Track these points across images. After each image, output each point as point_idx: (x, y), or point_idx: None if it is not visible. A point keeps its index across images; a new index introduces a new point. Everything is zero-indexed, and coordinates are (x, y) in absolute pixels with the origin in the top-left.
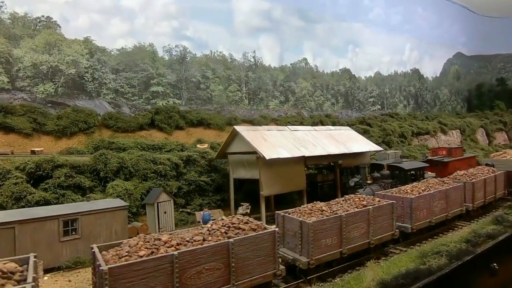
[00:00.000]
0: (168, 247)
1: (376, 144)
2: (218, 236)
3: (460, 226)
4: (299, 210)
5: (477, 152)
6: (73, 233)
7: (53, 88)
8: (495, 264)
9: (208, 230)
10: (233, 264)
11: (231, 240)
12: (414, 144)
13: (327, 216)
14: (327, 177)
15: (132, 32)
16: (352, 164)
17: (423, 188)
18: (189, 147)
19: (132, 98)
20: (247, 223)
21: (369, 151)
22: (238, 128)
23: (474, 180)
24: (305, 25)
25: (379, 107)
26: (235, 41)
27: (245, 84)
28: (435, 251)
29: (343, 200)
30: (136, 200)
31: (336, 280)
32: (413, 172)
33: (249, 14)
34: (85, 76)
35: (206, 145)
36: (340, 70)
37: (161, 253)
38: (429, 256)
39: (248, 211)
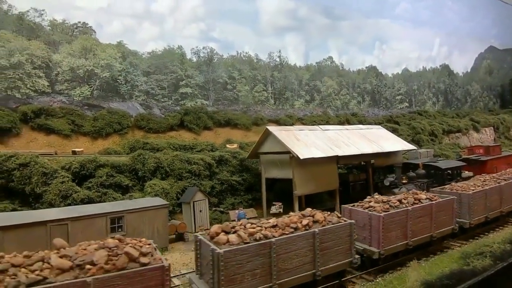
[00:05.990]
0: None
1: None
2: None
3: None
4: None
5: None
6: (119, 229)
7: (89, 91)
8: None
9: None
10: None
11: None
12: (445, 143)
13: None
14: (358, 176)
15: (162, 35)
16: (384, 163)
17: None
18: (219, 147)
19: (162, 100)
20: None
21: (401, 150)
22: (270, 128)
23: None
24: (330, 23)
25: (407, 104)
26: (261, 41)
27: (270, 84)
28: (478, 252)
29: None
30: (172, 198)
31: (377, 280)
32: (450, 171)
33: (275, 14)
34: (118, 79)
35: (235, 145)
36: (366, 67)
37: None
38: (472, 257)
39: (281, 210)
